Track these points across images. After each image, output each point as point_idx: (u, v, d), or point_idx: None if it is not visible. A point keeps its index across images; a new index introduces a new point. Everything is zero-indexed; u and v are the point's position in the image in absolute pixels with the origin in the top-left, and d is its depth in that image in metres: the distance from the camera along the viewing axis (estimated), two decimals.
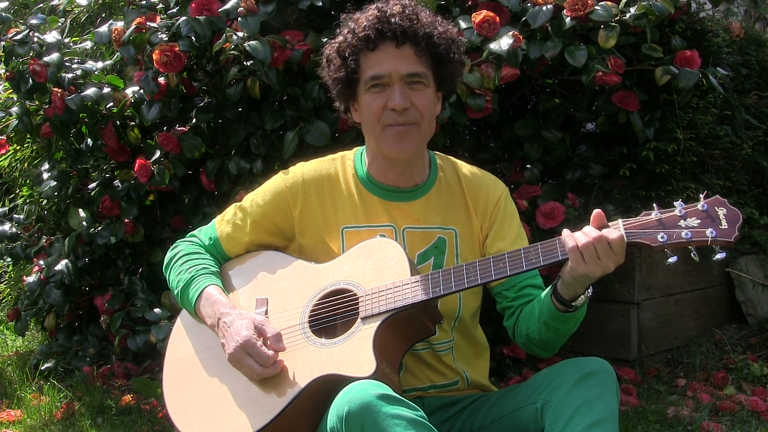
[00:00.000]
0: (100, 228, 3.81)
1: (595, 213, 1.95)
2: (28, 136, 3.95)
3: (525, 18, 3.18)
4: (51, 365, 3.92)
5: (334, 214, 2.25)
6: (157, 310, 3.55)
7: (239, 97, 3.35)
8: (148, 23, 3.49)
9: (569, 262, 1.92)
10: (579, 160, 3.57)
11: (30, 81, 3.63)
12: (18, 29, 3.77)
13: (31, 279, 3.96)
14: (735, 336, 3.95)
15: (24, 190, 4.52)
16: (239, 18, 3.28)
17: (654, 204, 1.95)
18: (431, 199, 2.28)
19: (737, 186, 3.96)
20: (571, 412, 1.89)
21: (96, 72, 3.84)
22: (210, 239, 2.33)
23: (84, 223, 3.86)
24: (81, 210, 3.92)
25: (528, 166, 3.48)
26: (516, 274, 1.98)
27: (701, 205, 1.88)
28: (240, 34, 3.25)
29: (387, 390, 1.80)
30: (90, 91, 3.61)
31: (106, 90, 3.65)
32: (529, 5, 3.19)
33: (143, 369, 3.81)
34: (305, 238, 2.26)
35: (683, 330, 3.87)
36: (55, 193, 4.01)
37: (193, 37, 3.39)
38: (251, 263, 2.29)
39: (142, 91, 3.55)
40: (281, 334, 2.05)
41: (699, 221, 1.87)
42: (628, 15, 3.15)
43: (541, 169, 3.49)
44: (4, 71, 3.88)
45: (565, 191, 3.46)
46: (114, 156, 3.83)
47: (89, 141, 3.90)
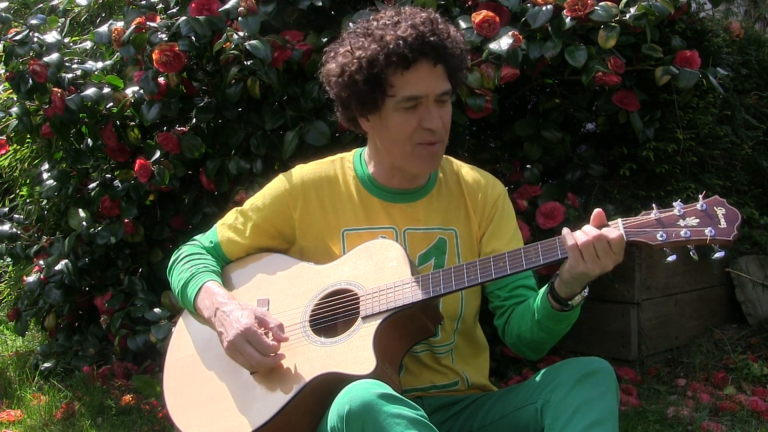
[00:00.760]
0: (100, 228, 3.81)
1: (596, 212, 1.95)
2: (28, 136, 3.94)
3: (525, 18, 3.17)
4: (51, 365, 3.91)
5: (334, 216, 2.25)
6: (157, 310, 3.55)
7: (239, 97, 3.35)
8: (148, 23, 3.49)
9: (568, 260, 1.92)
10: (579, 160, 3.57)
11: (30, 81, 3.62)
12: (18, 29, 3.76)
13: (31, 279, 3.96)
14: (735, 336, 3.94)
15: (24, 190, 4.51)
16: (239, 18, 3.28)
17: (653, 204, 1.95)
18: (432, 200, 2.28)
19: (737, 186, 3.96)
20: (571, 411, 1.89)
21: (96, 72, 3.83)
22: (211, 243, 2.33)
23: (84, 223, 3.86)
24: (81, 210, 3.92)
25: (528, 166, 3.48)
26: (516, 273, 1.98)
27: (700, 205, 1.89)
28: (240, 33, 3.25)
29: (388, 389, 1.80)
30: (90, 91, 3.61)
31: (106, 90, 3.65)
32: (529, 5, 3.19)
33: (143, 369, 3.81)
34: (306, 240, 2.26)
35: (683, 330, 3.87)
36: (55, 193, 4.01)
37: (193, 37, 3.39)
38: (253, 266, 2.29)
39: (142, 91, 3.55)
40: (283, 324, 2.05)
41: (698, 220, 1.87)
42: (628, 15, 3.15)
43: (541, 169, 3.49)
44: (4, 71, 3.87)
45: (565, 191, 3.46)
46: (114, 156, 3.83)
47: (89, 141, 3.90)
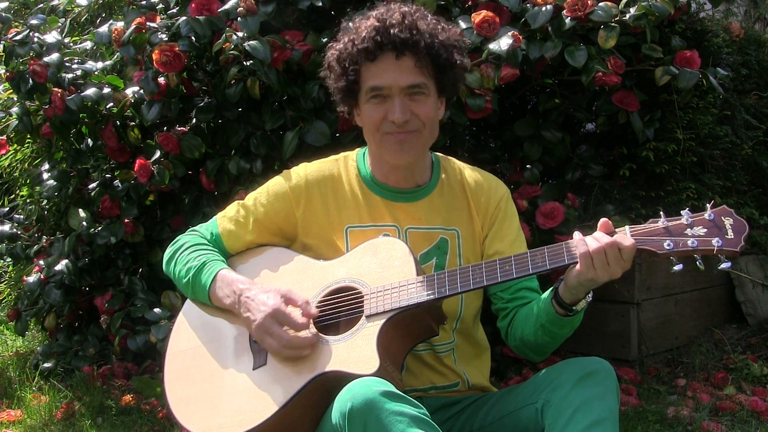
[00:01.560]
0: (100, 228, 3.81)
1: (602, 221, 1.95)
2: (28, 136, 3.95)
3: (525, 18, 3.17)
4: (51, 365, 3.91)
5: (337, 214, 2.25)
6: (157, 310, 3.55)
7: (239, 97, 3.35)
8: (148, 23, 3.49)
9: (578, 266, 1.92)
10: (579, 160, 3.57)
11: (30, 81, 3.63)
12: (18, 29, 3.77)
13: (31, 279, 3.96)
14: (735, 336, 3.94)
15: (24, 190, 4.52)
16: (239, 18, 3.28)
17: (661, 211, 1.95)
18: (434, 200, 2.28)
19: (737, 186, 3.96)
20: (571, 411, 1.90)
21: (96, 72, 3.84)
22: (211, 234, 2.31)
23: (84, 223, 3.86)
24: (81, 210, 3.92)
25: (528, 166, 3.48)
26: (522, 277, 1.98)
27: (708, 215, 1.89)
28: (240, 34, 3.25)
29: (390, 387, 1.80)
30: (90, 92, 3.61)
31: (106, 90, 3.65)
32: (529, 5, 3.19)
33: (143, 369, 3.81)
34: (309, 238, 2.26)
35: (683, 330, 3.87)
36: (55, 193, 4.01)
37: (193, 37, 3.40)
38: (256, 260, 2.28)
39: (142, 91, 3.55)
40: (309, 300, 2.05)
41: (705, 230, 1.87)
42: (628, 15, 3.15)
43: (541, 169, 3.49)
44: (4, 71, 3.87)
45: (565, 191, 3.46)
46: (114, 156, 3.83)
47: (89, 141, 3.90)
